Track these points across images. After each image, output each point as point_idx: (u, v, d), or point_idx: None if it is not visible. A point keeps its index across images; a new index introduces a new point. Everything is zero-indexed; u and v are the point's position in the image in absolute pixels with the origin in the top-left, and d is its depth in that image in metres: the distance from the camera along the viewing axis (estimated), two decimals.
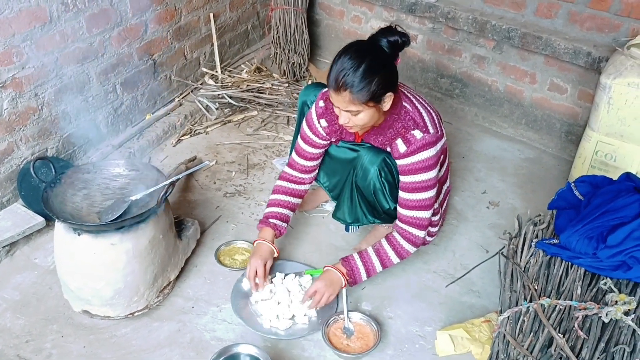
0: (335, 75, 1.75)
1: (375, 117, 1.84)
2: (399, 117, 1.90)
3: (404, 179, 1.93)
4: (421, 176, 1.89)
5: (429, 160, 1.88)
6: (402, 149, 1.89)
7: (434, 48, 3.24)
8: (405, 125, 1.88)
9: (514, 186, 2.71)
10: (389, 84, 1.78)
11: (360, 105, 1.76)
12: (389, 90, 1.78)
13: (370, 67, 1.72)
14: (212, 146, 2.92)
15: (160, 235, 1.92)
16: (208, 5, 3.16)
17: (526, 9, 2.84)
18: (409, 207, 1.95)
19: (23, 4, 2.14)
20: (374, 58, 1.75)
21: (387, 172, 1.98)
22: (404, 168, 1.91)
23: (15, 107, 2.23)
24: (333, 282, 1.96)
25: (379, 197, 2.05)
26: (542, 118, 2.98)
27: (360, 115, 1.80)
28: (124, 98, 2.77)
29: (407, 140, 1.88)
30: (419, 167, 1.88)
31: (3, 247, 2.14)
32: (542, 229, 2.08)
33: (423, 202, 1.93)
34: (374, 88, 1.73)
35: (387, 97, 1.79)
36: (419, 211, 1.94)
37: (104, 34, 2.54)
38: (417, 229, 1.96)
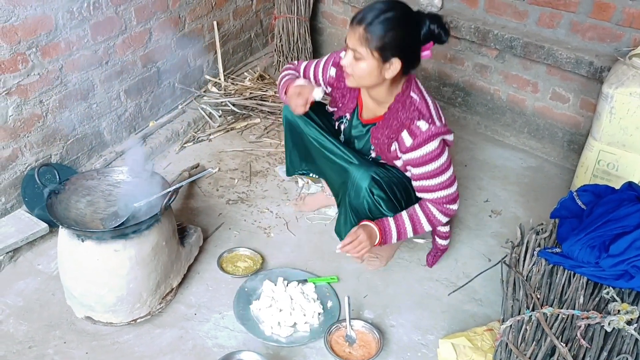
0: (363, 10, 1.75)
1: (373, 75, 1.79)
2: (404, 108, 1.88)
3: (417, 170, 1.92)
4: (433, 165, 1.90)
5: (436, 151, 1.88)
6: (408, 142, 1.88)
7: (436, 57, 3.25)
8: (410, 116, 1.87)
9: (517, 195, 2.72)
10: (402, 50, 1.75)
11: (366, 49, 1.73)
12: (399, 55, 1.74)
13: (395, 21, 1.72)
14: (215, 153, 2.93)
15: (163, 242, 1.93)
16: (212, 14, 3.19)
17: (528, 19, 2.85)
18: (430, 191, 1.95)
19: (29, 11, 2.16)
20: (404, 19, 1.74)
21: (378, 189, 1.96)
22: (414, 161, 1.91)
23: (20, 114, 2.24)
24: (371, 235, 1.94)
25: (375, 215, 2.02)
26: (544, 127, 2.99)
27: (362, 64, 1.76)
28: (128, 105, 2.78)
29: (413, 132, 1.86)
30: (428, 158, 1.88)
31: (6, 253, 2.14)
32: (544, 237, 2.08)
33: (443, 183, 1.93)
34: (387, 39, 1.71)
35: (394, 62, 1.75)
36: (442, 191, 1.94)
37: (109, 42, 2.56)
38: (448, 204, 1.97)
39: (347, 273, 2.23)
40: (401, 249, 2.35)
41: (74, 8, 2.33)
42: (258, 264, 2.23)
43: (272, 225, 2.46)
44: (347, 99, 2.07)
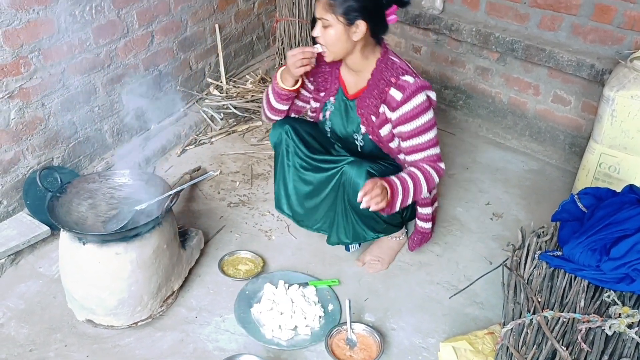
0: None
1: (343, 40, 1.87)
2: (386, 67, 1.96)
3: (406, 127, 1.96)
4: (422, 119, 1.95)
5: (424, 104, 1.94)
6: (398, 96, 1.92)
7: (437, 59, 3.25)
8: (394, 73, 1.94)
9: (518, 198, 2.71)
10: (365, 12, 1.84)
11: (332, 15, 1.83)
12: (363, 17, 1.84)
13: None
14: (217, 156, 2.94)
15: (165, 245, 1.93)
16: (213, 17, 3.20)
17: (529, 22, 2.85)
18: (419, 150, 1.99)
19: (31, 15, 2.16)
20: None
21: None
22: (404, 117, 1.94)
23: (22, 117, 2.25)
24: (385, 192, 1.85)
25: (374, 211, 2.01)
26: (545, 130, 2.99)
27: (330, 31, 1.86)
28: (130, 108, 2.79)
29: (401, 86, 1.92)
30: (418, 111, 1.93)
31: (8, 256, 2.15)
32: (545, 240, 2.08)
33: (432, 140, 1.99)
34: (351, 2, 1.81)
35: (359, 24, 1.85)
36: (432, 149, 2.00)
37: (111, 45, 2.57)
38: (439, 162, 2.03)
39: (348, 276, 2.23)
40: (402, 252, 2.35)
41: (76, 11, 2.34)
42: (259, 267, 2.23)
43: (273, 228, 2.47)
44: (329, 82, 2.12)
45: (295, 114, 2.26)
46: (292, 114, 2.24)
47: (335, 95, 2.12)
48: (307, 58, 1.92)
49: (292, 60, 1.92)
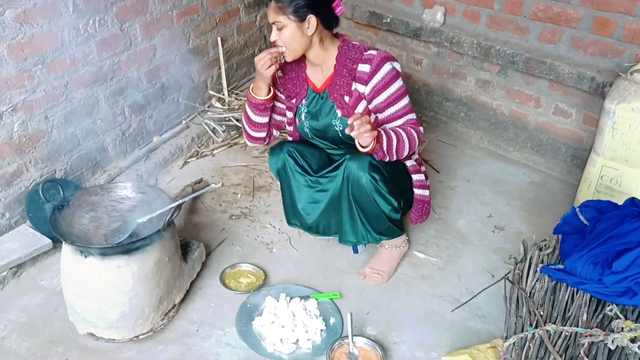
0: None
1: (298, 37, 1.96)
2: (349, 48, 2.05)
3: (380, 97, 2.03)
4: (394, 86, 2.02)
5: (393, 72, 2.02)
6: (367, 68, 2.01)
7: (439, 72, 3.27)
8: (358, 51, 2.04)
9: (520, 210, 2.71)
10: (312, 7, 1.93)
11: (283, 17, 1.93)
12: (313, 12, 1.94)
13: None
14: (219, 168, 2.95)
15: (166, 258, 1.93)
16: (216, 30, 3.22)
17: (530, 34, 2.87)
18: (398, 117, 2.06)
19: (35, 29, 2.18)
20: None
21: (377, 173, 2.01)
22: (377, 86, 2.01)
23: (26, 130, 2.26)
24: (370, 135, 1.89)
25: (377, 200, 2.05)
26: (547, 142, 2.99)
27: (286, 31, 1.95)
28: (132, 121, 2.80)
29: (367, 59, 2.01)
30: (389, 78, 2.01)
31: (10, 269, 2.15)
32: (547, 253, 2.08)
33: (407, 106, 2.07)
34: (297, 1, 1.91)
35: (310, 19, 1.94)
36: (409, 114, 2.07)
37: (114, 58, 2.58)
38: (417, 125, 2.08)
39: (349, 289, 2.22)
40: (404, 265, 2.35)
41: (80, 25, 2.36)
42: (261, 280, 2.23)
43: (275, 241, 2.47)
44: (298, 86, 2.18)
45: (276, 130, 2.31)
46: (273, 130, 2.29)
47: (305, 97, 2.18)
48: (273, 57, 2.00)
49: (261, 64, 2.01)
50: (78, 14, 2.33)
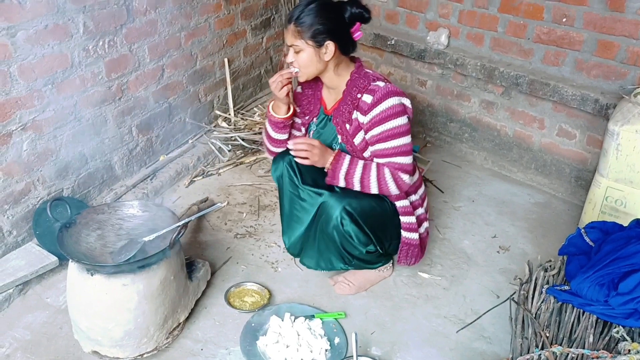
0: (291, 11, 1.97)
1: (315, 61, 1.97)
2: (359, 76, 2.03)
3: (376, 130, 1.99)
4: (392, 122, 1.97)
5: (396, 107, 1.97)
6: (369, 99, 1.98)
7: (443, 93, 3.30)
8: (366, 81, 2.01)
9: (525, 231, 2.71)
10: (331, 32, 1.94)
11: (301, 41, 1.94)
12: (331, 38, 1.94)
13: (318, 9, 1.93)
14: (224, 187, 2.96)
15: (172, 277, 1.94)
16: (223, 51, 3.27)
17: (533, 57, 2.90)
18: (384, 155, 2.01)
19: (46, 50, 2.22)
20: (325, 6, 1.96)
21: (350, 220, 2.01)
22: (374, 119, 1.98)
23: (34, 149, 2.29)
24: (324, 156, 2.02)
25: (347, 247, 2.09)
26: (551, 163, 3.00)
27: (302, 55, 1.96)
28: (139, 140, 2.83)
29: (372, 90, 1.98)
30: (388, 114, 1.96)
31: (16, 286, 2.16)
32: (552, 274, 2.07)
33: (399, 148, 1.99)
34: (316, 27, 1.92)
35: (328, 45, 1.95)
36: (397, 157, 2.00)
37: (122, 78, 2.62)
38: (401, 171, 2.00)
39: (354, 309, 2.22)
40: (408, 285, 2.35)
41: (90, 46, 2.40)
42: (265, 299, 2.23)
43: (280, 260, 2.47)
44: (312, 104, 2.21)
45: None
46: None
47: (317, 116, 2.20)
48: (285, 79, 2.03)
49: (273, 86, 2.05)
50: (88, 35, 2.38)
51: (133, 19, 2.58)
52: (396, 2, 3.35)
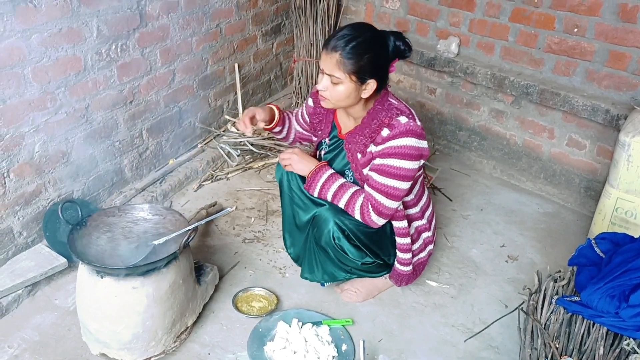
0: (334, 37, 1.83)
1: (352, 97, 1.87)
2: (382, 108, 1.93)
3: (378, 161, 1.91)
4: (397, 162, 1.88)
5: (409, 149, 1.87)
6: (385, 133, 1.89)
7: (452, 101, 3.30)
8: (389, 115, 1.91)
9: (533, 240, 2.70)
10: (376, 70, 1.84)
11: (343, 74, 1.81)
12: (375, 76, 1.84)
13: (368, 44, 1.81)
14: (233, 192, 2.97)
15: (181, 280, 1.94)
16: (233, 56, 3.28)
17: (544, 66, 2.90)
18: (372, 187, 1.93)
19: (60, 53, 2.24)
20: (375, 41, 1.84)
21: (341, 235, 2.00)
22: (383, 151, 1.89)
23: (46, 151, 2.30)
24: (305, 163, 2.04)
25: (339, 257, 2.07)
26: (560, 173, 2.99)
27: (340, 87, 1.84)
28: (149, 143, 2.85)
29: (391, 125, 1.89)
30: (397, 152, 1.87)
31: (25, 287, 2.16)
32: (562, 285, 2.06)
33: (388, 189, 1.90)
34: (363, 63, 1.80)
35: (370, 83, 1.85)
36: (381, 196, 1.91)
37: (134, 82, 2.64)
38: (374, 208, 1.93)
39: (362, 316, 2.21)
40: (416, 293, 2.34)
41: (103, 50, 2.42)
42: (273, 304, 2.22)
43: (287, 265, 2.47)
44: (324, 124, 2.16)
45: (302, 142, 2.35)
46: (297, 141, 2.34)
47: (328, 136, 2.16)
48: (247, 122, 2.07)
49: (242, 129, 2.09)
50: (101, 39, 2.39)
51: (146, 23, 2.60)
52: (407, 10, 3.36)
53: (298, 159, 2.06)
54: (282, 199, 2.27)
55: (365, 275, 2.21)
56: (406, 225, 2.10)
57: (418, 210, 2.17)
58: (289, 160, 2.08)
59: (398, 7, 3.39)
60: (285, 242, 2.35)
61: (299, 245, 2.27)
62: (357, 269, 2.13)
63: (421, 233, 2.21)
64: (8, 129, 2.12)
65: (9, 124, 2.13)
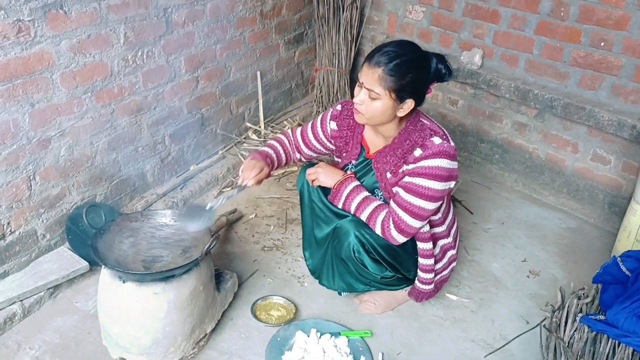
0: (379, 50, 1.80)
1: (387, 114, 1.84)
2: (415, 129, 1.91)
3: (408, 179, 1.88)
4: (426, 182, 1.85)
5: (440, 170, 1.84)
6: (418, 153, 1.86)
7: (474, 113, 3.28)
8: (422, 135, 1.88)
9: (555, 256, 2.66)
10: (416, 91, 1.82)
11: (383, 90, 1.78)
12: (414, 96, 1.82)
13: (412, 63, 1.79)
14: (252, 199, 2.97)
15: (201, 287, 1.94)
16: (256, 64, 3.30)
17: (569, 80, 2.87)
18: (398, 204, 1.91)
19: (88, 58, 2.27)
20: (418, 62, 1.82)
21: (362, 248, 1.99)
22: (414, 170, 1.86)
23: (71, 155, 2.33)
24: (330, 176, 2.04)
25: (359, 270, 2.06)
26: (584, 188, 2.95)
27: (377, 103, 1.81)
28: (171, 149, 2.87)
29: (425, 146, 1.86)
30: (428, 172, 1.84)
31: (47, 289, 2.19)
32: (586, 303, 2.03)
33: (414, 208, 1.88)
34: (405, 82, 1.77)
35: (408, 103, 1.82)
36: (406, 214, 1.89)
37: (158, 88, 2.66)
38: (396, 226, 1.91)
39: (380, 328, 2.20)
40: (436, 306, 2.32)
41: (129, 56, 2.45)
42: (291, 314, 2.22)
43: (306, 275, 2.45)
44: (351, 146, 2.11)
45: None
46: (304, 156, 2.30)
47: (356, 159, 2.11)
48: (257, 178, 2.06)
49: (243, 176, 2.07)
50: (128, 45, 2.42)
51: (171, 30, 2.63)
52: (430, 21, 3.35)
53: (324, 172, 2.06)
54: (303, 209, 2.26)
55: (385, 288, 2.19)
56: (431, 246, 2.06)
57: (445, 228, 2.14)
58: (314, 175, 2.07)
59: (421, 18, 3.38)
60: (305, 252, 2.34)
61: (317, 258, 2.25)
62: (376, 282, 2.12)
63: (446, 252, 2.18)
64: (35, 132, 2.16)
65: (37, 128, 2.16)
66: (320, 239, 2.20)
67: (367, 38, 3.70)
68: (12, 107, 2.04)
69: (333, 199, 2.06)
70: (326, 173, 2.06)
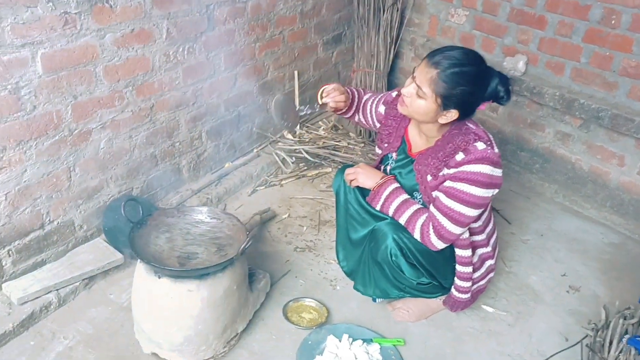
0: (442, 52, 1.76)
1: (428, 116, 1.81)
2: (459, 132, 1.85)
3: (449, 183, 1.84)
4: (468, 187, 1.80)
5: (482, 176, 1.79)
6: (460, 157, 1.82)
7: (515, 121, 3.20)
8: (466, 139, 1.82)
9: (597, 271, 2.57)
10: (463, 105, 1.77)
11: (431, 92, 1.75)
12: (459, 109, 1.77)
13: (468, 78, 1.73)
14: (286, 199, 2.96)
15: (235, 286, 1.93)
16: (294, 64, 3.28)
17: (618, 90, 2.77)
18: (438, 209, 1.87)
19: (130, 53, 2.28)
20: (477, 78, 1.76)
21: (399, 252, 1.94)
22: (455, 175, 1.81)
23: (111, 147, 2.35)
24: (370, 177, 2.03)
25: (395, 275, 2.01)
26: (629, 202, 2.84)
27: (421, 102, 1.78)
28: (208, 145, 2.87)
29: (467, 150, 1.81)
30: (469, 177, 1.79)
31: (82, 280, 2.20)
32: (632, 323, 1.95)
33: (454, 213, 1.83)
34: (454, 92, 1.73)
35: (452, 113, 1.78)
36: (446, 219, 1.85)
37: (197, 85, 2.66)
38: (435, 231, 1.87)
39: (414, 336, 2.15)
40: (471, 317, 2.26)
41: (171, 52, 2.45)
42: (323, 317, 2.19)
43: (338, 278, 2.43)
44: (393, 138, 2.08)
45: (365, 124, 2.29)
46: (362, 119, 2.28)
47: (396, 151, 2.08)
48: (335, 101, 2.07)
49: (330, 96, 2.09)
50: (170, 41, 2.43)
51: (213, 27, 2.63)
52: (473, 25, 3.29)
53: (363, 173, 2.03)
54: (338, 210, 2.23)
55: (419, 295, 2.14)
56: (470, 254, 2.01)
57: (484, 237, 2.08)
58: (354, 175, 2.05)
59: (464, 21, 3.32)
60: (338, 255, 2.31)
61: (353, 260, 2.22)
62: (411, 288, 2.07)
63: (485, 261, 2.12)
64: (77, 124, 2.17)
65: (78, 120, 2.17)
66: (356, 241, 2.16)
67: (406, 40, 3.65)
68: (55, 98, 2.06)
69: (372, 200, 2.02)
70: (366, 174, 2.03)
